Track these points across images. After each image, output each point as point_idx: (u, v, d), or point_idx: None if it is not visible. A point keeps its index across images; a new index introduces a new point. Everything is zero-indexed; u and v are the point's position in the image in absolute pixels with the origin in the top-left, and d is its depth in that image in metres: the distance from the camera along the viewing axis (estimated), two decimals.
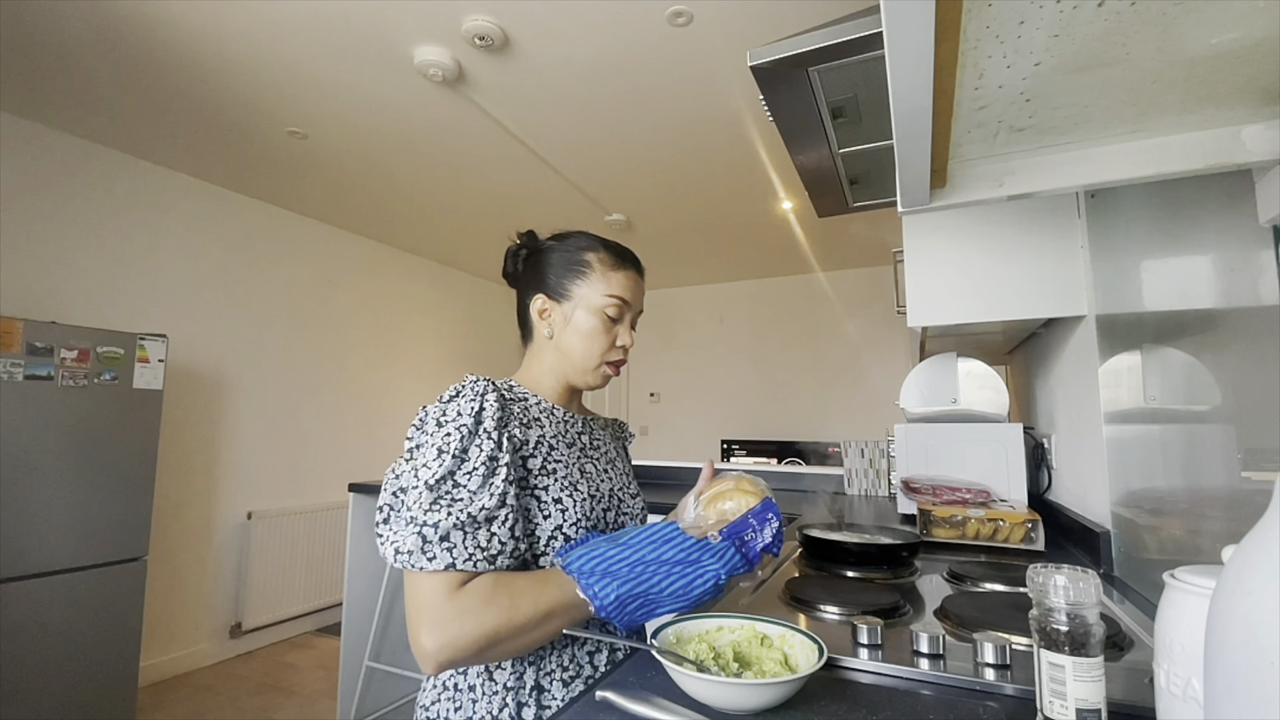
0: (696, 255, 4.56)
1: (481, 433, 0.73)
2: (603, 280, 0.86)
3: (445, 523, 0.66)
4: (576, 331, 0.86)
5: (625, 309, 0.87)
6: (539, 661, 0.75)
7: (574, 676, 0.77)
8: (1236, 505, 0.74)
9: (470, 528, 0.67)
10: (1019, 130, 0.68)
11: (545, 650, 0.76)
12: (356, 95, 2.38)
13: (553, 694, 0.75)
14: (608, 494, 0.86)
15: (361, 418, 4.10)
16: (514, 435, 0.77)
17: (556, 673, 0.76)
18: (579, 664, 0.78)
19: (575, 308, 0.86)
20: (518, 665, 0.75)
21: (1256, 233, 0.68)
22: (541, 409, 0.86)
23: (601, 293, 0.85)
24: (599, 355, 0.86)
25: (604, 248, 0.89)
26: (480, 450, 0.72)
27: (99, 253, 2.81)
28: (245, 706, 2.71)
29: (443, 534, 0.66)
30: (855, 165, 1.22)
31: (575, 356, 0.86)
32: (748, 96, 2.35)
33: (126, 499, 2.37)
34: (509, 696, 0.73)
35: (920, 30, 0.45)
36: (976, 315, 1.43)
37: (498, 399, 0.77)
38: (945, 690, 0.65)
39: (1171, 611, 0.44)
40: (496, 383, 0.82)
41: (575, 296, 0.86)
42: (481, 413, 0.75)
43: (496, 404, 0.76)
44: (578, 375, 0.88)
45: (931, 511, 1.44)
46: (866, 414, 4.64)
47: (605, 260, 0.87)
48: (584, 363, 0.86)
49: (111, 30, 2.01)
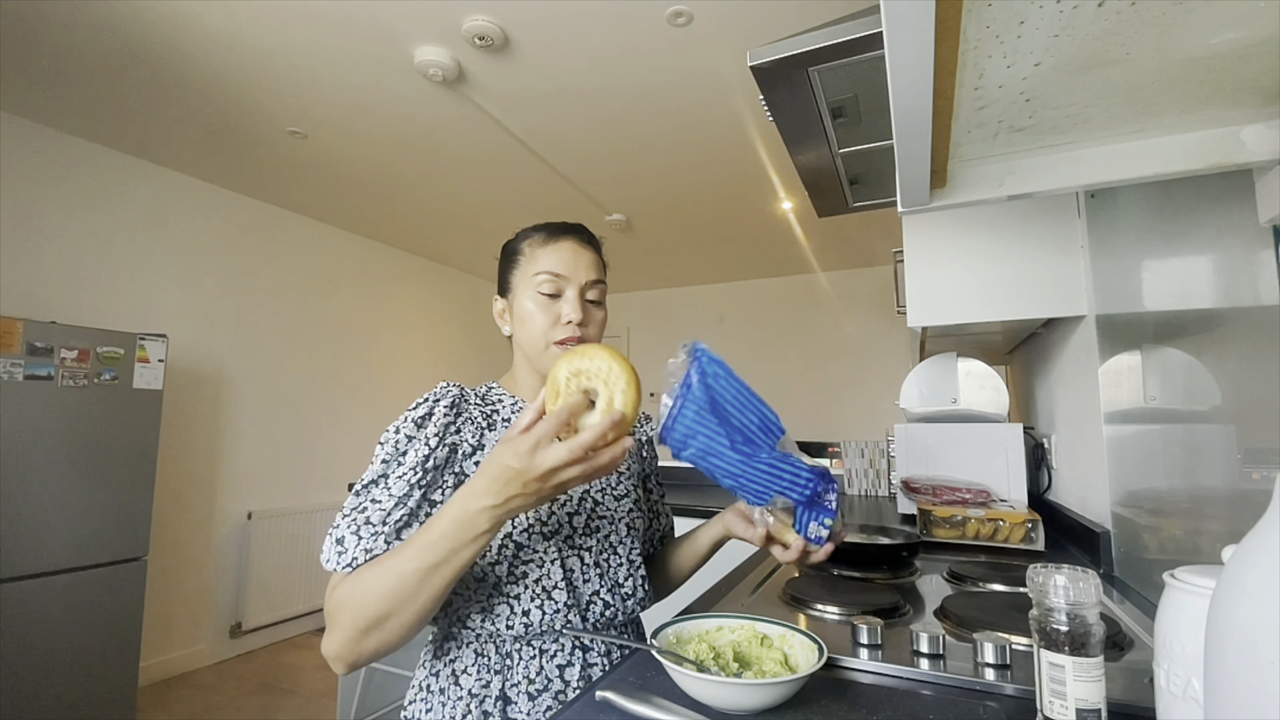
0: (696, 255, 4.56)
1: (421, 436, 0.74)
2: (531, 261, 0.83)
3: (344, 527, 0.68)
4: (519, 320, 0.84)
5: (560, 282, 0.82)
6: (505, 671, 0.74)
7: (541, 690, 0.74)
8: (1236, 505, 0.74)
9: (366, 531, 0.68)
10: (1019, 130, 0.68)
11: (512, 660, 0.74)
12: (356, 95, 2.38)
13: (519, 706, 0.73)
14: (578, 496, 0.84)
15: (362, 417, 4.10)
16: (464, 441, 0.77)
17: (523, 685, 0.73)
18: (547, 677, 0.75)
19: (515, 297, 0.85)
20: (483, 672, 0.74)
21: (1256, 233, 0.68)
22: (516, 410, 0.84)
23: (530, 273, 0.82)
24: (543, 337, 0.81)
25: (539, 230, 0.86)
26: (416, 454, 0.73)
27: (99, 253, 2.81)
28: (245, 706, 2.71)
29: (339, 537, 0.68)
30: (855, 165, 1.22)
31: (525, 344, 0.84)
32: (748, 96, 2.35)
33: (126, 499, 2.37)
34: (473, 703, 0.72)
35: (920, 30, 0.45)
36: (976, 315, 1.43)
37: (451, 405, 0.77)
38: (945, 690, 0.65)
39: (1171, 611, 0.44)
40: (469, 389, 0.82)
41: (513, 286, 0.85)
42: (426, 418, 0.75)
43: (447, 410, 0.77)
44: (538, 363, 0.84)
45: (931, 511, 1.44)
46: (866, 414, 4.64)
47: (536, 241, 0.85)
48: (534, 348, 0.82)
49: (111, 30, 2.01)
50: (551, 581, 0.76)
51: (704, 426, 0.70)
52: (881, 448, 2.50)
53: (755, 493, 0.75)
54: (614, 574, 0.83)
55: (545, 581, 0.76)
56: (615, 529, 0.86)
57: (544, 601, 0.75)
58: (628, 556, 0.85)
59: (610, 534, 0.85)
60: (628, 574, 0.84)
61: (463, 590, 0.75)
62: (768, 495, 0.75)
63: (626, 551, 0.86)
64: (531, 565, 0.76)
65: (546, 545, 0.78)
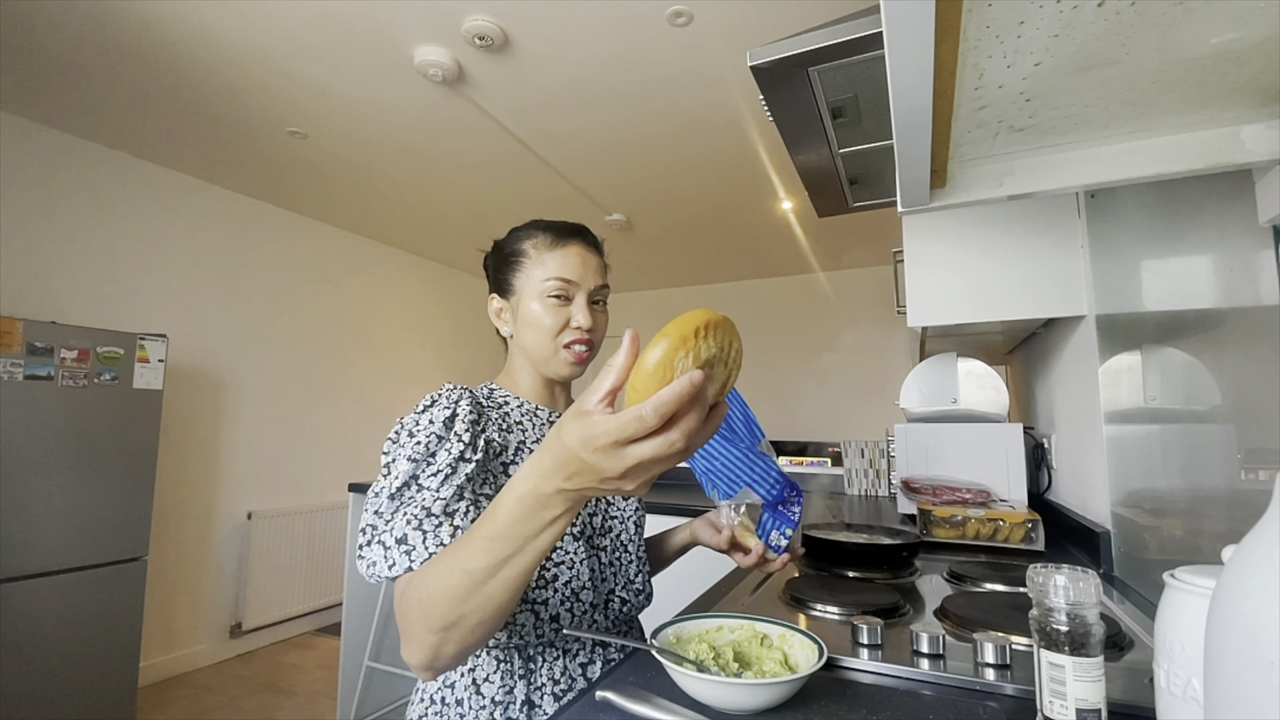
0: (696, 255, 4.55)
1: (452, 436, 0.71)
2: (538, 265, 0.82)
3: (400, 526, 0.64)
4: (526, 324, 0.83)
5: (570, 288, 0.82)
6: (529, 675, 0.73)
7: (566, 690, 0.74)
8: (1236, 505, 0.74)
9: (429, 525, 0.64)
10: (1019, 130, 0.68)
11: (535, 664, 0.73)
12: (356, 95, 2.38)
13: (544, 709, 0.72)
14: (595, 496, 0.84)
15: (362, 417, 4.10)
16: (492, 440, 0.75)
17: (548, 686, 0.73)
18: (571, 676, 0.75)
19: (520, 300, 0.84)
20: (506, 679, 0.72)
21: (1256, 233, 0.68)
22: (523, 411, 0.84)
23: (539, 278, 0.81)
24: (553, 342, 0.82)
25: (542, 230, 0.85)
26: (448, 453, 0.69)
27: (99, 253, 2.81)
28: (245, 706, 2.71)
29: (399, 537, 0.63)
30: (855, 165, 1.22)
31: (532, 349, 0.84)
32: (748, 96, 2.35)
33: (126, 499, 2.37)
34: (497, 711, 0.71)
35: (920, 30, 0.45)
36: (976, 315, 1.43)
37: (472, 405, 0.75)
38: (945, 690, 0.65)
39: (1171, 611, 0.44)
40: (474, 390, 0.81)
41: (518, 288, 0.84)
42: (453, 418, 0.73)
43: (471, 409, 0.74)
44: (544, 367, 0.84)
45: (931, 511, 1.44)
46: (866, 414, 4.64)
47: (541, 243, 0.83)
48: (541, 353, 0.83)
49: (111, 30, 2.01)
50: (580, 582, 0.76)
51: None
52: (881, 448, 2.50)
53: (727, 480, 0.81)
54: (627, 571, 0.85)
55: (575, 583, 0.75)
56: (625, 527, 0.87)
57: (573, 604, 0.74)
58: (636, 553, 0.87)
59: (620, 532, 0.86)
60: (638, 570, 0.87)
61: None
62: (737, 485, 0.80)
63: (635, 549, 0.88)
64: (563, 567, 0.75)
65: (576, 546, 0.77)
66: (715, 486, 0.84)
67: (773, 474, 0.83)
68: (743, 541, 0.89)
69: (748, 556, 0.89)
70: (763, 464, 0.82)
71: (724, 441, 0.81)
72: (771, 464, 0.83)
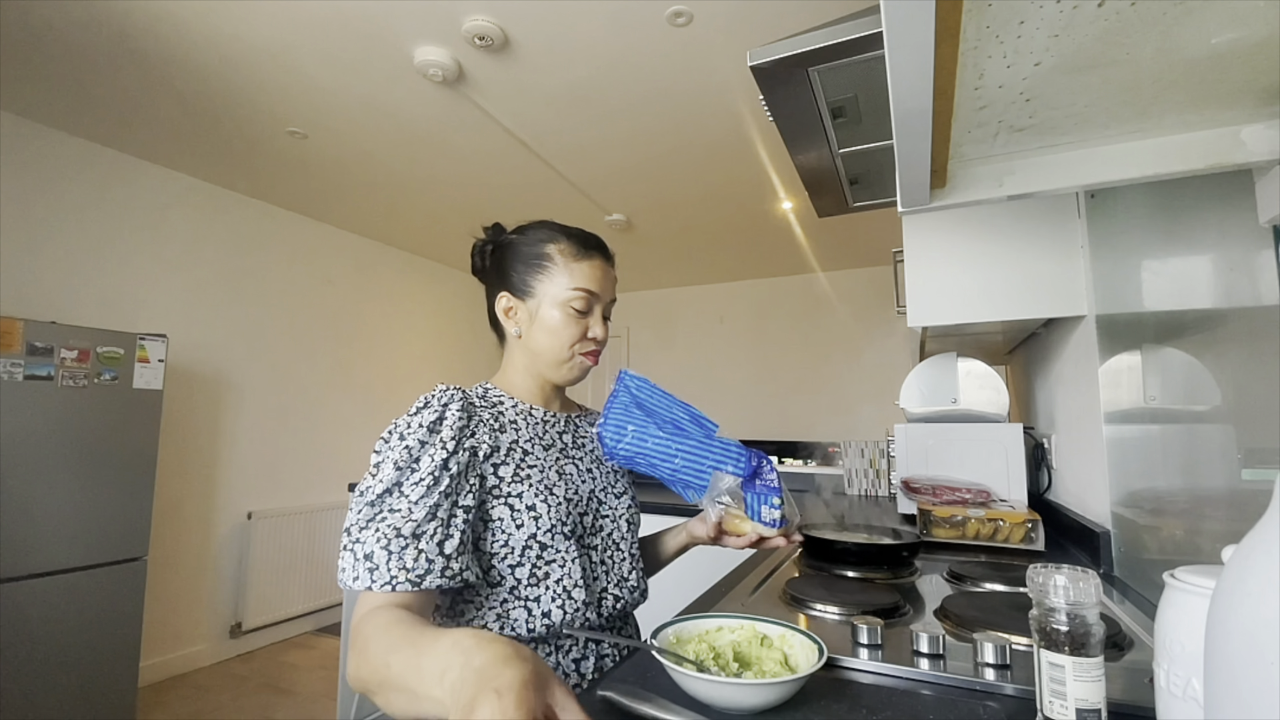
0: (696, 255, 4.55)
1: (437, 442, 0.71)
2: (565, 273, 0.83)
3: (370, 543, 0.64)
4: (543, 328, 0.84)
5: (592, 300, 0.84)
6: None
7: None
8: (1236, 505, 0.74)
9: (395, 546, 0.64)
10: (1019, 130, 0.68)
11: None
12: (356, 95, 2.38)
13: None
14: (586, 496, 0.85)
15: (361, 417, 4.10)
16: (481, 444, 0.76)
17: None
18: (564, 672, 0.75)
19: (540, 304, 0.84)
20: None
21: (1256, 233, 0.68)
22: (518, 411, 0.85)
23: (565, 286, 0.83)
24: (569, 349, 0.84)
25: (566, 237, 0.86)
26: (432, 459, 0.70)
27: (99, 253, 2.81)
28: (245, 706, 2.71)
29: (367, 553, 0.64)
30: (855, 165, 1.22)
31: (545, 353, 0.85)
32: (748, 96, 2.34)
33: (126, 499, 2.37)
34: None
35: (920, 31, 0.45)
36: (976, 315, 1.43)
37: (462, 408, 0.76)
38: (945, 690, 0.65)
39: (1171, 611, 0.44)
40: (468, 390, 0.81)
41: (539, 293, 0.84)
42: (439, 422, 0.73)
43: (460, 413, 0.75)
44: (551, 371, 0.86)
45: (931, 511, 1.44)
46: (866, 414, 4.64)
47: (567, 251, 0.84)
48: (555, 358, 0.85)
49: (111, 30, 2.01)
50: (572, 580, 0.76)
51: (632, 419, 0.87)
52: (881, 448, 2.50)
53: (695, 473, 0.85)
54: (619, 568, 0.85)
55: (566, 581, 0.76)
56: (617, 525, 0.88)
57: (565, 601, 0.75)
58: (629, 551, 0.88)
59: (612, 531, 0.87)
60: (630, 568, 0.87)
61: (475, 598, 0.75)
62: (705, 474, 0.85)
63: (628, 547, 0.88)
64: (554, 565, 0.76)
65: (568, 545, 0.78)
66: (689, 486, 0.87)
67: (732, 449, 0.87)
68: (736, 530, 0.90)
69: (741, 539, 0.91)
70: (720, 445, 0.87)
71: (676, 438, 0.86)
72: (728, 442, 0.87)
